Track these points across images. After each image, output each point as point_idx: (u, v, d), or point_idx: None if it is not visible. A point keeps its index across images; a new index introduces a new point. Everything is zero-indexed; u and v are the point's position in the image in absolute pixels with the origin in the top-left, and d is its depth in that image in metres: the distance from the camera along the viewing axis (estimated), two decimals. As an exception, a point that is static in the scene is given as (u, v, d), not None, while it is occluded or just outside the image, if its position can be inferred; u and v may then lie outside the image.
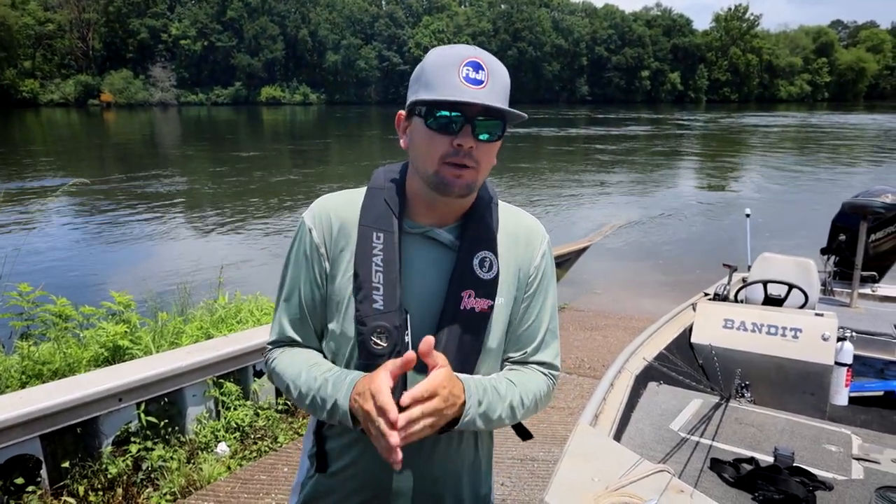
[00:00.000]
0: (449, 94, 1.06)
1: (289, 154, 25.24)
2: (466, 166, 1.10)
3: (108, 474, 3.17)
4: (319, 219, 1.22)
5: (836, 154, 26.03)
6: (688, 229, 12.38)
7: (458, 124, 1.08)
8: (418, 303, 1.17)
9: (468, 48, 1.11)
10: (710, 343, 3.43)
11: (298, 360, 1.22)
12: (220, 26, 68.58)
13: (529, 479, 3.44)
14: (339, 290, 1.19)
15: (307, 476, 1.32)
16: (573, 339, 6.02)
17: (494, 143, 1.13)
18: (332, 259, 1.20)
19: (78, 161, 22.29)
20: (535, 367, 1.30)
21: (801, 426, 2.61)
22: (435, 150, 1.10)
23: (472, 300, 1.17)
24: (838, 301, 4.63)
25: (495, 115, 1.10)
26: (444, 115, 1.08)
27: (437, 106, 1.09)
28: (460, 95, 1.06)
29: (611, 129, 38.74)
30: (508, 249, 1.24)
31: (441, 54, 1.11)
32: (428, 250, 1.20)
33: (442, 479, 1.26)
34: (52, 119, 46.20)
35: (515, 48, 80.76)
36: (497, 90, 1.10)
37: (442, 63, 1.09)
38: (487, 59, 1.10)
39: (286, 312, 1.26)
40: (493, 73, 1.09)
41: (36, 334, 4.10)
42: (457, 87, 1.06)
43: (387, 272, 1.15)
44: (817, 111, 67.52)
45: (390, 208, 1.19)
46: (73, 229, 11.69)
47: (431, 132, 1.10)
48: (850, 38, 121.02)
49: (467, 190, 1.13)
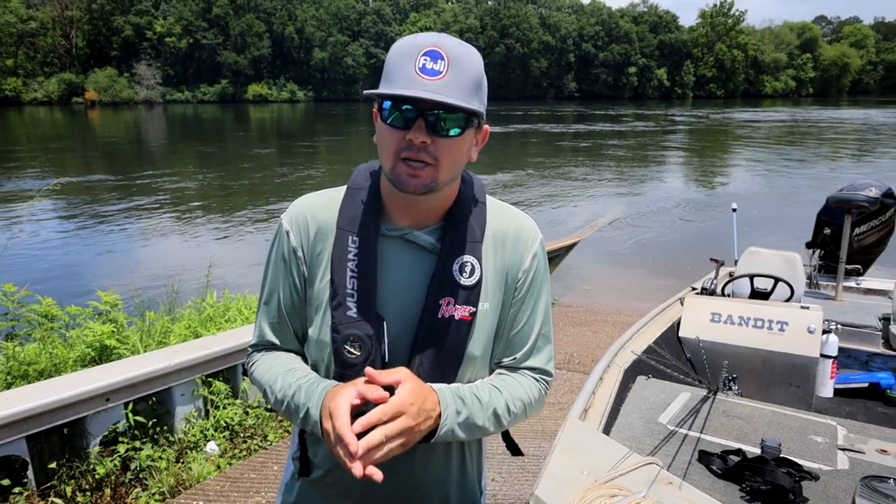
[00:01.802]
0: (401, 86, 0.99)
1: (276, 152, 25.11)
2: (423, 163, 1.03)
3: (95, 475, 3.15)
4: (297, 221, 1.18)
5: (820, 149, 26.29)
6: (675, 224, 12.46)
7: (410, 118, 1.02)
8: (395, 310, 1.13)
9: (431, 36, 1.02)
10: (697, 337, 3.45)
11: (277, 364, 1.19)
12: (205, 23, 68.03)
13: (519, 473, 3.45)
14: (317, 295, 1.16)
15: (291, 478, 1.31)
16: (562, 335, 6.04)
17: (455, 139, 1.04)
18: (309, 262, 1.17)
19: (63, 160, 22.04)
20: (527, 373, 1.24)
21: (788, 418, 2.63)
22: (390, 146, 1.04)
23: (452, 308, 1.12)
24: (823, 294, 4.68)
25: (456, 108, 1.01)
26: (398, 109, 1.02)
27: (389, 99, 1.02)
28: (410, 87, 0.98)
29: (598, 126, 38.87)
30: (496, 251, 1.18)
31: (402, 44, 1.03)
32: (406, 254, 1.14)
33: (426, 487, 1.23)
34: (35, 117, 45.65)
35: (503, 45, 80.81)
36: (459, 81, 1.01)
37: (401, 53, 1.02)
38: (450, 47, 1.01)
39: (266, 316, 1.23)
40: (456, 63, 1.01)
41: (21, 334, 4.05)
42: (410, 78, 0.99)
43: (361, 278, 1.11)
44: (802, 106, 68.13)
45: (367, 210, 1.14)
46: (59, 229, 11.56)
47: (386, 126, 1.04)
48: (834, 33, 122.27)
49: (425, 188, 1.05)
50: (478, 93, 1.05)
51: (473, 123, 1.07)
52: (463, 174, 1.20)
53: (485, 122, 1.12)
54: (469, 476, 1.31)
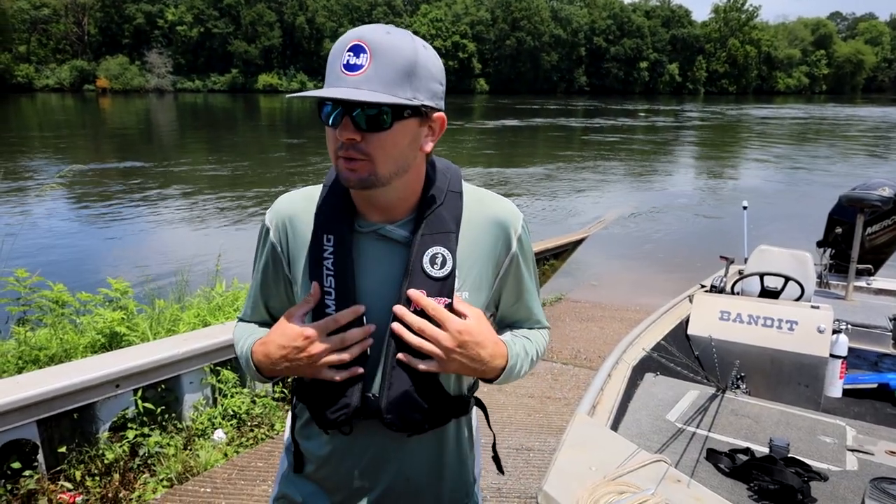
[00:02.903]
0: (328, 84, 1.01)
1: (286, 142, 25.15)
2: (356, 159, 1.02)
3: (104, 460, 3.18)
4: (277, 219, 1.20)
5: (833, 146, 26.06)
6: (684, 221, 12.40)
7: (337, 117, 1.02)
8: (373, 305, 1.13)
9: (362, 29, 1.02)
10: (706, 335, 3.45)
11: (250, 326, 1.33)
12: (216, 12, 67.99)
13: (525, 468, 3.45)
14: (301, 294, 1.18)
15: (287, 469, 1.33)
16: (570, 331, 6.03)
17: (387, 132, 1.02)
18: (291, 261, 1.20)
19: (75, 147, 22.15)
20: (535, 326, 1.35)
21: (796, 418, 2.63)
22: (330, 144, 1.06)
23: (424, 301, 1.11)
24: (834, 294, 4.65)
25: (373, 104, 0.99)
26: (325, 108, 1.04)
27: (316, 101, 1.04)
28: (335, 86, 0.99)
29: (609, 120, 38.68)
30: (476, 239, 1.17)
31: (337, 42, 1.03)
32: (381, 249, 1.14)
33: (418, 477, 1.24)
34: (47, 104, 45.87)
35: (514, 38, 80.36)
36: (383, 73, 0.98)
37: (333, 51, 1.03)
38: (374, 40, 0.99)
39: (252, 300, 1.34)
40: (379, 54, 0.98)
41: (33, 320, 4.08)
42: (336, 76, 1.00)
43: (338, 277, 1.12)
44: (815, 103, 67.50)
45: (340, 208, 1.15)
46: (70, 216, 11.64)
47: (327, 126, 1.05)
48: (849, 30, 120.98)
49: (365, 183, 1.04)
50: (410, 81, 1.01)
51: (404, 115, 1.03)
52: (434, 164, 1.20)
53: (436, 110, 1.09)
54: (464, 463, 1.32)
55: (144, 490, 3.11)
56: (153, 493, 3.09)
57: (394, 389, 1.12)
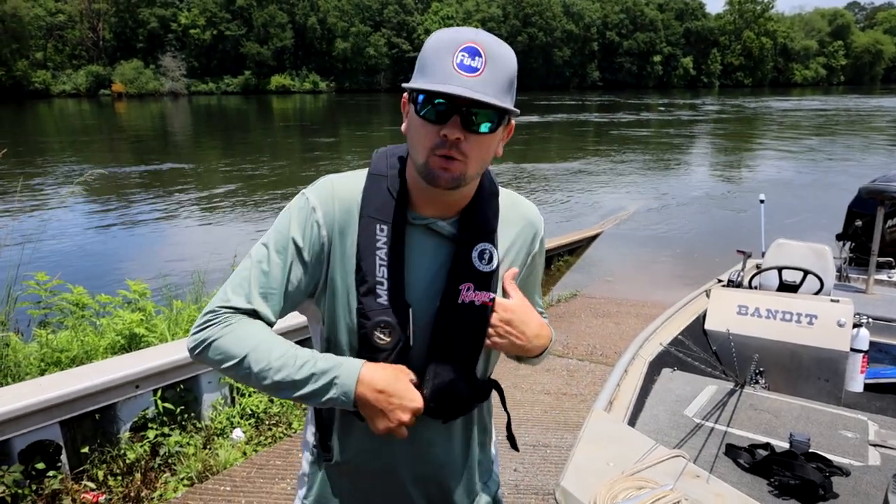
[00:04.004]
0: (439, 81, 1.01)
1: (300, 143, 25.27)
2: (454, 158, 1.04)
3: (126, 459, 3.22)
4: (325, 199, 1.15)
5: (852, 138, 25.69)
6: (700, 216, 12.29)
7: (445, 114, 1.03)
8: (419, 296, 1.15)
9: (470, 31, 1.03)
10: (724, 329, 3.42)
11: (268, 333, 1.13)
12: (229, 15, 68.42)
13: (542, 464, 3.45)
14: (341, 279, 1.15)
15: (311, 468, 1.32)
16: (585, 326, 6.01)
17: (487, 135, 1.06)
18: (332, 243, 1.14)
19: (92, 151, 22.43)
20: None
21: (817, 412, 2.60)
22: (424, 140, 1.05)
23: (472, 293, 1.15)
24: (854, 287, 4.59)
25: (492, 107, 1.02)
26: (431, 103, 1.03)
27: (425, 94, 1.03)
28: (449, 84, 1.00)
29: (623, 115, 38.42)
30: (511, 237, 1.24)
31: (439, 38, 1.04)
32: (429, 243, 1.17)
33: (450, 465, 1.28)
34: (64, 110, 46.46)
35: (525, 34, 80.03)
36: (496, 79, 1.02)
37: (438, 47, 1.02)
38: (488, 44, 1.02)
39: (258, 281, 1.13)
40: (493, 60, 1.02)
41: (54, 322, 4.15)
42: (449, 74, 1.00)
43: (391, 267, 1.13)
44: (833, 95, 66.56)
45: (394, 198, 1.14)
46: (89, 219, 11.79)
47: (421, 120, 1.05)
48: (867, 20, 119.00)
49: (455, 183, 1.07)
50: (510, 91, 1.07)
51: (505, 121, 1.09)
52: None
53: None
54: (486, 444, 1.38)
55: (165, 489, 3.14)
56: (174, 492, 3.13)
57: (439, 378, 1.16)
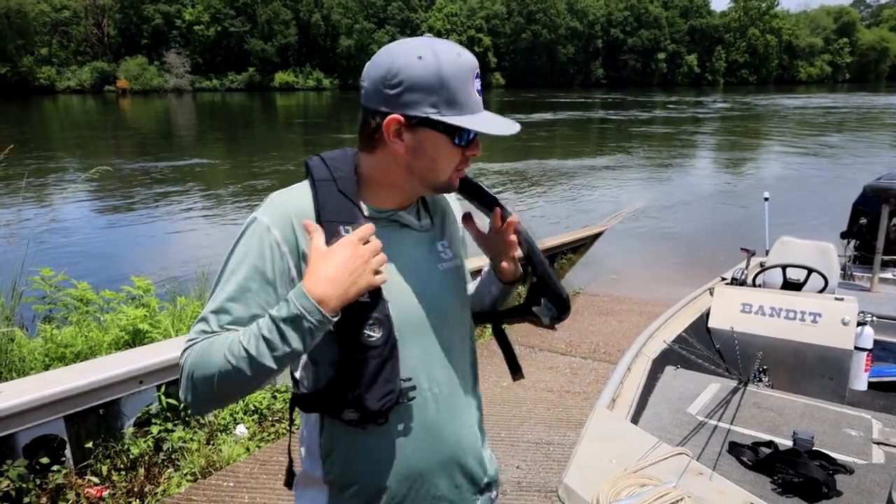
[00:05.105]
0: (470, 112, 1.11)
1: (304, 140, 25.29)
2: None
3: (130, 454, 3.23)
4: (277, 217, 1.13)
5: (857, 136, 25.58)
6: (704, 213, 12.26)
7: (473, 138, 1.15)
8: (399, 287, 1.17)
9: (465, 51, 1.11)
10: (727, 327, 3.41)
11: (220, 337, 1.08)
12: (233, 11, 68.46)
13: (545, 462, 3.45)
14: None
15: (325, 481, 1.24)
16: (588, 324, 6.00)
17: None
18: (297, 258, 1.12)
19: (97, 148, 22.50)
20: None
21: (821, 410, 2.59)
22: (453, 162, 1.15)
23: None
24: (858, 285, 4.57)
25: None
26: (468, 133, 1.13)
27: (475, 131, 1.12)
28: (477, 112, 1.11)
29: (627, 113, 38.33)
30: (449, 208, 1.35)
31: (456, 64, 1.08)
32: (393, 232, 1.19)
33: (463, 454, 1.29)
34: (69, 106, 46.58)
35: (529, 31, 79.91)
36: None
37: (460, 77, 1.08)
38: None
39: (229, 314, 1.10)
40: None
41: (58, 318, 4.17)
42: (475, 103, 1.11)
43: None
44: (838, 92, 66.29)
45: (349, 199, 1.15)
46: (94, 215, 11.83)
47: (453, 147, 1.13)
48: (873, 17, 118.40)
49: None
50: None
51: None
52: None
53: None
54: (485, 442, 1.40)
55: (169, 484, 3.16)
56: (177, 488, 3.14)
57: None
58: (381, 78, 1.08)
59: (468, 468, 1.30)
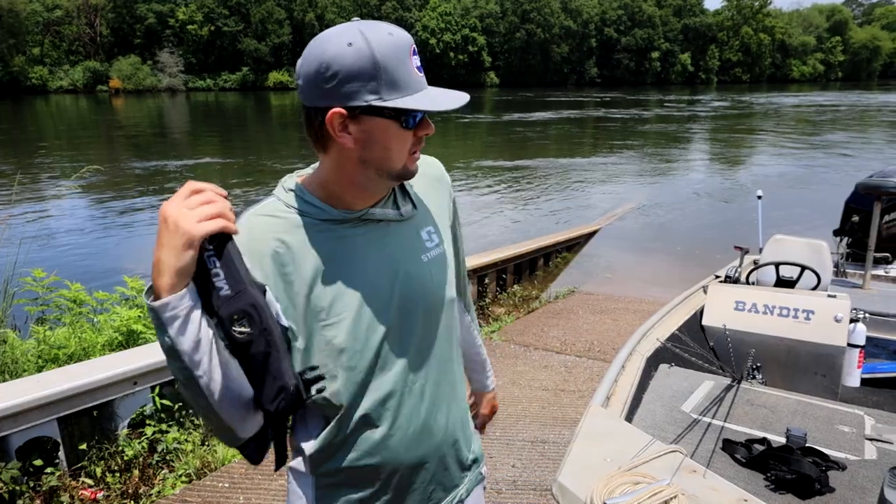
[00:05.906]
0: (413, 91, 1.04)
1: (298, 140, 25.23)
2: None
3: (124, 456, 3.23)
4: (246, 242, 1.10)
5: (849, 134, 25.70)
6: (698, 212, 12.30)
7: (420, 117, 1.09)
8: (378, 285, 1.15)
9: (397, 28, 1.04)
10: (721, 325, 3.42)
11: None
12: (226, 11, 68.28)
13: (540, 460, 3.46)
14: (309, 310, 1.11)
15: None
16: (583, 323, 6.02)
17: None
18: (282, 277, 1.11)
19: (89, 148, 22.38)
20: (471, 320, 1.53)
21: (813, 407, 2.60)
22: (406, 147, 1.09)
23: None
24: (851, 282, 4.60)
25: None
26: (413, 115, 1.06)
27: (419, 111, 1.06)
28: (420, 90, 1.05)
29: (621, 112, 38.40)
30: (430, 191, 1.29)
31: (390, 44, 1.02)
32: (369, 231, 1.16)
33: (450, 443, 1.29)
34: (61, 106, 46.33)
35: (524, 30, 79.96)
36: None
37: (397, 56, 1.02)
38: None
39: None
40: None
41: (51, 319, 4.15)
42: (417, 81, 1.05)
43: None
44: (831, 91, 66.59)
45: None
46: (86, 216, 11.77)
47: (402, 130, 1.07)
48: (865, 15, 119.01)
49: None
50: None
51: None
52: None
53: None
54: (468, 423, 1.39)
55: (164, 486, 3.15)
56: (172, 489, 3.13)
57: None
58: (314, 73, 1.03)
59: (456, 452, 1.31)
